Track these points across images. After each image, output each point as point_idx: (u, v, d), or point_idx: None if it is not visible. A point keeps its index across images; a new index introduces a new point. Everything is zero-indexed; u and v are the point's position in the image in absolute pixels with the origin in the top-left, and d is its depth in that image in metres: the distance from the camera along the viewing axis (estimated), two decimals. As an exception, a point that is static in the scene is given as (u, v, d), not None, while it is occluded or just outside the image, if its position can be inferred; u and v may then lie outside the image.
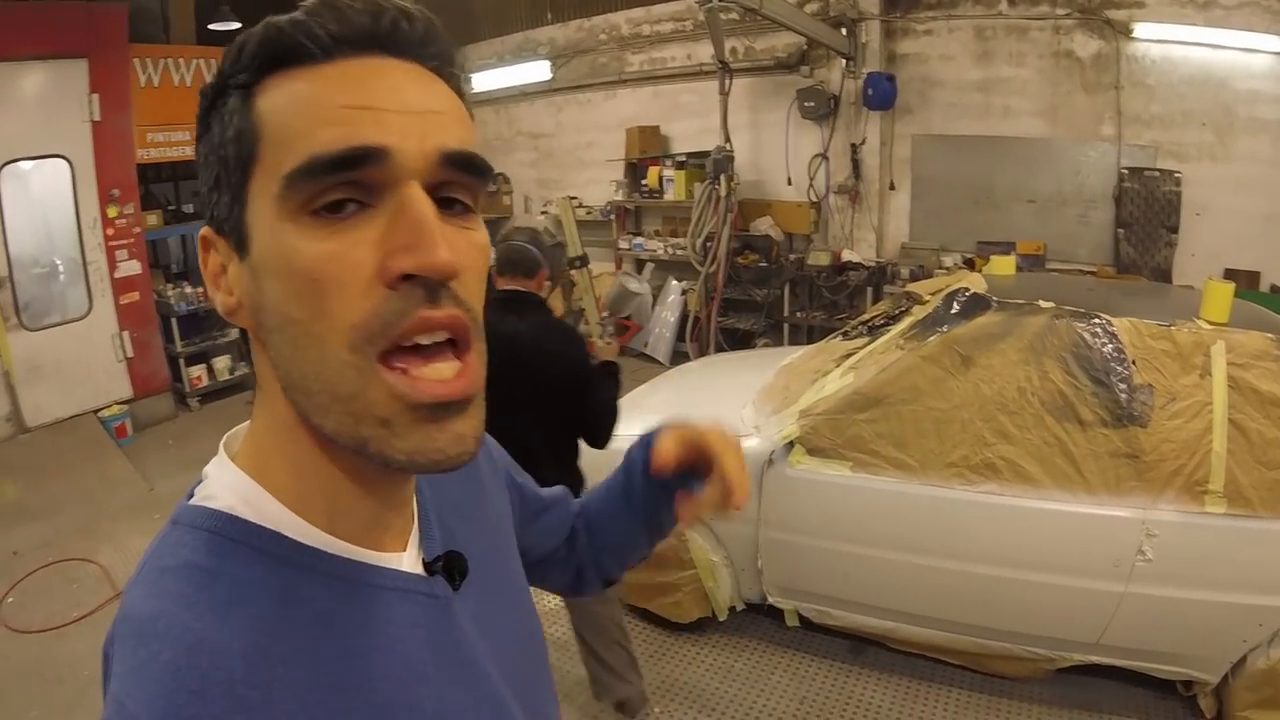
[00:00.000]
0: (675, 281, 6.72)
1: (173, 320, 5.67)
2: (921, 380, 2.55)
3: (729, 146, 5.68)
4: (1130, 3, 4.91)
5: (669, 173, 6.58)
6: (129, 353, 5.39)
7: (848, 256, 5.94)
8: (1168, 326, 2.41)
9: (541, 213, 7.45)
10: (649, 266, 7.10)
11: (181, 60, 5.59)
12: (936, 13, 5.58)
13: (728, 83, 5.51)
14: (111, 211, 5.18)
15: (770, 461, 2.67)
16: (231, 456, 0.54)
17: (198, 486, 0.53)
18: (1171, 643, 2.41)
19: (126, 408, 5.30)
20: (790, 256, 6.25)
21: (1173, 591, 2.31)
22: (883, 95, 5.60)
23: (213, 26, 6.10)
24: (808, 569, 2.78)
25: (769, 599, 2.91)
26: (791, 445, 2.66)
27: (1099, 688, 2.64)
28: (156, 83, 5.47)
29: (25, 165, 4.85)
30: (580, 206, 6.89)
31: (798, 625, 2.98)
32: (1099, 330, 2.45)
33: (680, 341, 6.45)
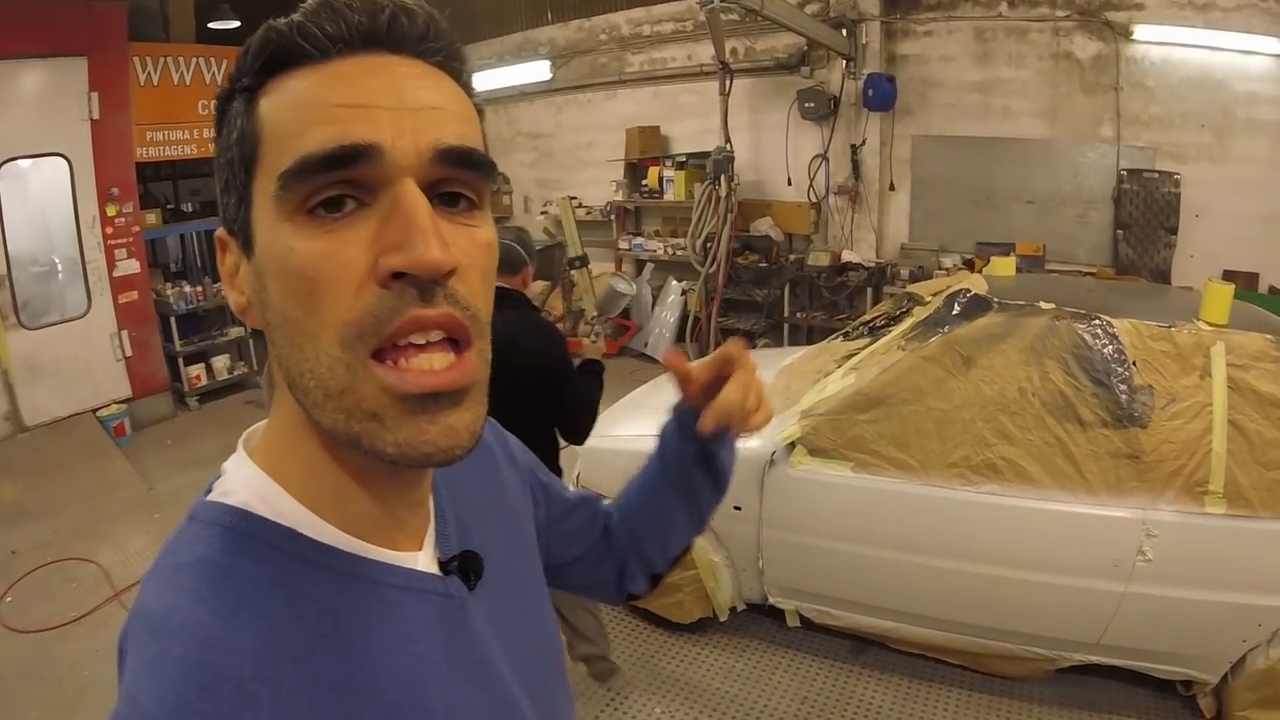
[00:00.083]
0: (675, 282, 6.73)
1: (171, 319, 5.65)
2: (923, 381, 2.55)
3: (729, 147, 5.67)
4: (1129, 4, 4.92)
5: (669, 173, 6.58)
6: (128, 352, 5.37)
7: (848, 257, 5.95)
8: (1168, 328, 2.42)
9: (541, 213, 7.44)
10: (649, 267, 7.11)
11: (181, 59, 5.57)
12: (936, 14, 5.59)
13: (728, 83, 5.51)
14: (110, 210, 5.16)
15: (772, 462, 2.67)
16: (250, 453, 0.54)
17: (215, 482, 0.53)
18: (1171, 643, 2.42)
19: (125, 407, 5.28)
20: (790, 257, 6.27)
21: (1173, 591, 2.32)
22: (883, 96, 5.60)
23: (212, 25, 6.10)
24: (809, 569, 2.78)
25: (770, 599, 2.91)
26: (793, 446, 2.66)
27: (1099, 688, 2.64)
28: (156, 81, 5.45)
29: (24, 164, 4.83)
30: (580, 207, 6.89)
31: (799, 625, 2.98)
32: (1099, 331, 2.46)
33: (680, 342, 6.44)
